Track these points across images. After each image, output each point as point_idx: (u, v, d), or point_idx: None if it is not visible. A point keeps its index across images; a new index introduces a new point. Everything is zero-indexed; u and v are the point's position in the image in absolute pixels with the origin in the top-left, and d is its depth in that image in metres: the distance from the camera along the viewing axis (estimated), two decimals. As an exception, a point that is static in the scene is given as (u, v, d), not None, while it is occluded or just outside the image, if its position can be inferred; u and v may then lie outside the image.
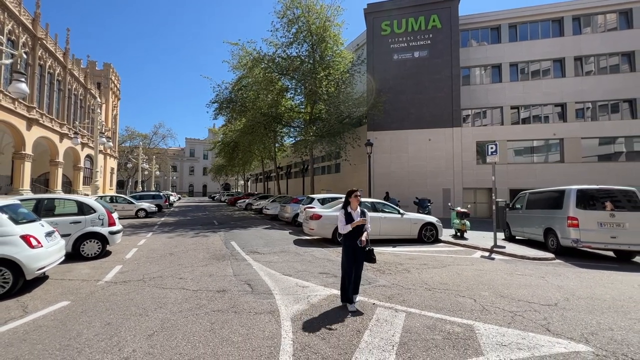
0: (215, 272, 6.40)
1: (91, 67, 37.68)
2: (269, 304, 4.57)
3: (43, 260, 5.11)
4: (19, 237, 4.91)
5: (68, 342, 3.32)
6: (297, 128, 25.94)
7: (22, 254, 4.82)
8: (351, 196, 4.62)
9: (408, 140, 23.28)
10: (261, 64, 21.66)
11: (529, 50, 23.21)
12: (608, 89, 21.94)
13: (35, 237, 5.11)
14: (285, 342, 3.38)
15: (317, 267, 6.95)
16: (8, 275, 4.72)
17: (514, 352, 3.24)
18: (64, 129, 26.80)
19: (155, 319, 3.95)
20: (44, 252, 5.16)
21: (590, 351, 3.28)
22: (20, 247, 4.84)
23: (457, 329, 3.77)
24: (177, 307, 4.41)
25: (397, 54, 23.82)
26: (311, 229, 10.22)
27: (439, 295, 5.08)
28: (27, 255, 4.85)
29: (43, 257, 5.12)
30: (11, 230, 4.90)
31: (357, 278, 4.55)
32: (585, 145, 21.92)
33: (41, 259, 5.07)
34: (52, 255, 5.39)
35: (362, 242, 4.43)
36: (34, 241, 5.05)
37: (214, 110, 25.38)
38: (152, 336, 3.48)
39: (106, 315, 4.06)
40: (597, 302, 4.92)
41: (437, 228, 10.85)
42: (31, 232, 5.11)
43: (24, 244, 4.90)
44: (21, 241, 4.90)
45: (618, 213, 8.32)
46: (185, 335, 3.52)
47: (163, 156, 61.73)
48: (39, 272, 5.09)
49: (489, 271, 6.84)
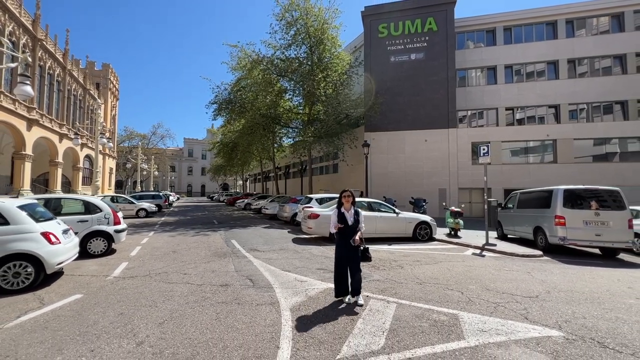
0: (217, 268, 6.71)
1: (90, 68, 37.87)
2: (269, 297, 4.89)
3: (61, 256, 5.45)
4: (40, 234, 5.23)
5: (86, 329, 3.63)
6: (296, 129, 26.26)
7: (43, 250, 5.13)
8: (342, 197, 4.76)
9: (405, 140, 23.64)
10: (260, 66, 21.98)
11: (524, 52, 23.63)
12: (600, 90, 22.39)
13: (54, 234, 5.45)
14: (285, 329, 3.70)
15: (314, 263, 7.28)
16: (30, 270, 5.04)
17: (493, 336, 3.58)
18: (63, 129, 27.00)
19: (164, 310, 4.26)
20: (62, 248, 5.49)
21: (562, 335, 3.63)
22: (41, 244, 5.16)
23: (442, 318, 4.11)
24: (184, 299, 4.72)
25: (394, 56, 24.18)
26: (309, 228, 10.54)
27: (429, 289, 5.41)
28: (47, 251, 5.17)
29: (61, 252, 5.45)
30: (32, 228, 5.22)
31: (356, 279, 4.56)
32: (579, 146, 22.36)
33: (59, 254, 5.40)
34: (69, 252, 5.74)
35: (356, 241, 4.49)
36: (53, 238, 5.38)
37: (213, 111, 25.64)
38: (162, 324, 3.79)
39: (118, 307, 4.37)
40: (575, 294, 5.27)
41: (431, 227, 11.20)
42: (50, 230, 5.45)
43: (44, 241, 5.21)
44: (42, 238, 5.21)
45: (603, 212, 8.69)
46: (194, 323, 3.83)
47: (161, 156, 61.85)
48: (58, 267, 5.42)
49: (478, 267, 7.19)
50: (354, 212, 4.70)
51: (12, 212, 5.17)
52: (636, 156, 21.69)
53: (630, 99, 22.00)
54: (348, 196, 4.71)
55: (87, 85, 33.13)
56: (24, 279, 5.01)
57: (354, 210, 4.72)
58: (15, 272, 4.95)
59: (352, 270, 4.60)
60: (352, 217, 4.66)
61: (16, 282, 4.95)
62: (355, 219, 4.66)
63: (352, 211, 4.70)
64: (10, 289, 4.90)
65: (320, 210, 11.00)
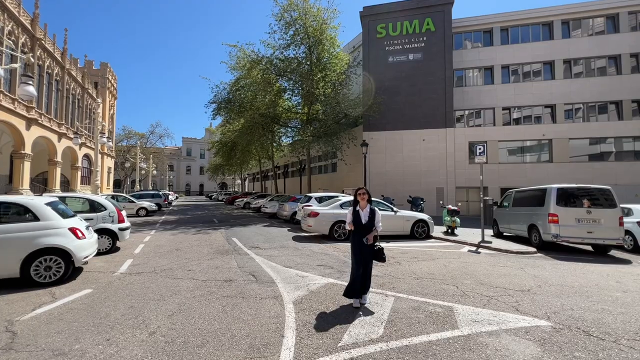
0: (220, 264, 6.90)
1: (88, 67, 37.88)
2: (272, 291, 5.09)
3: (86, 251, 5.77)
4: (67, 229, 5.53)
5: (100, 321, 3.82)
6: (295, 128, 26.45)
7: (72, 244, 5.44)
8: (357, 194, 4.58)
9: (403, 140, 23.88)
10: (259, 66, 22.13)
11: (520, 52, 23.91)
12: (596, 91, 22.71)
13: (80, 230, 5.78)
14: (289, 320, 3.90)
15: (315, 260, 7.48)
16: (60, 263, 5.33)
17: (485, 326, 3.79)
18: (62, 128, 27.05)
19: (172, 303, 4.45)
20: (86, 243, 5.81)
21: (549, 325, 3.85)
22: (70, 238, 5.47)
23: (438, 310, 4.32)
24: (190, 293, 4.91)
25: (392, 56, 24.40)
26: (309, 226, 10.75)
27: (426, 283, 5.63)
28: (75, 246, 5.48)
29: (86, 247, 5.77)
30: (60, 224, 5.52)
31: (365, 277, 4.48)
32: (574, 146, 22.68)
33: (85, 249, 5.73)
34: (92, 247, 6.07)
35: (368, 240, 4.38)
36: (80, 233, 5.69)
37: (212, 111, 25.78)
38: (172, 316, 3.98)
39: (128, 300, 4.55)
40: (565, 288, 5.50)
41: (428, 225, 11.44)
42: (76, 225, 5.77)
43: (72, 236, 5.53)
44: (70, 233, 5.52)
45: (595, 210, 8.94)
46: (201, 315, 4.03)
47: (160, 155, 61.84)
48: (84, 260, 5.73)
49: (474, 263, 7.42)
50: (369, 211, 4.51)
51: (41, 208, 5.44)
52: (630, 156, 22.04)
53: (624, 99, 22.33)
54: (364, 194, 4.52)
55: (86, 84, 33.15)
56: (55, 272, 5.29)
57: (369, 209, 4.53)
58: (47, 265, 5.22)
59: (365, 270, 4.48)
60: (367, 216, 4.48)
61: (47, 275, 5.23)
62: (369, 218, 4.49)
63: (368, 210, 4.52)
64: (42, 282, 5.17)
65: (319, 208, 11.21)
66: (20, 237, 5.13)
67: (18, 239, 5.10)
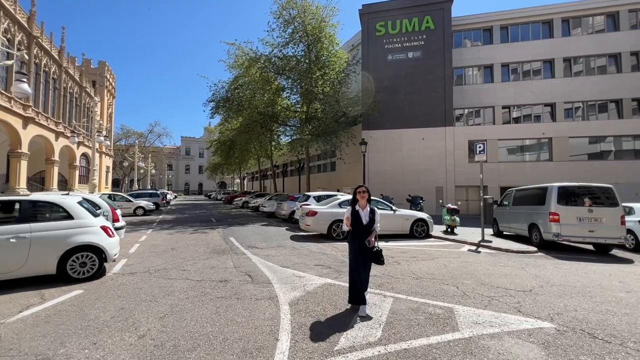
0: (216, 264, 6.77)
1: (86, 66, 37.65)
2: (268, 292, 4.96)
3: (116, 248, 5.93)
4: (99, 227, 5.69)
5: (88, 323, 3.69)
6: (293, 127, 26.31)
7: (105, 242, 5.61)
8: (356, 193, 4.33)
9: (402, 139, 23.76)
10: (257, 64, 21.98)
11: (520, 51, 23.78)
12: (596, 89, 22.60)
13: (110, 228, 5.94)
14: (284, 322, 3.77)
15: (312, 259, 7.36)
16: (95, 260, 5.48)
17: (486, 328, 3.67)
18: (59, 127, 26.85)
19: (164, 304, 4.33)
20: (115, 241, 5.95)
21: (553, 327, 3.73)
22: (102, 236, 5.64)
23: (438, 311, 4.20)
24: (184, 294, 4.78)
25: (392, 54, 24.25)
26: (307, 225, 10.62)
27: (425, 284, 5.51)
28: (108, 243, 5.66)
29: (115, 245, 5.93)
30: (93, 222, 5.68)
31: (364, 280, 4.25)
32: (574, 144, 22.57)
33: (115, 246, 5.89)
34: (118, 245, 6.21)
35: (371, 242, 4.16)
36: (110, 231, 5.86)
37: (211, 110, 25.64)
38: (163, 318, 3.85)
39: (119, 302, 4.42)
40: (568, 288, 5.39)
41: (427, 224, 11.32)
42: (106, 224, 5.91)
43: (104, 234, 5.69)
44: (102, 231, 5.68)
45: (596, 209, 8.83)
46: (194, 317, 3.90)
47: (159, 154, 61.62)
48: (114, 257, 5.89)
49: (474, 263, 7.30)
50: (369, 211, 4.28)
51: (74, 207, 5.61)
52: (630, 154, 21.95)
53: (625, 97, 22.22)
54: (363, 192, 4.28)
55: (84, 83, 32.94)
56: (89, 269, 5.44)
57: (369, 209, 4.30)
58: (82, 262, 5.38)
59: (364, 272, 4.24)
60: (367, 215, 4.24)
61: (82, 272, 5.38)
62: (370, 218, 4.25)
63: (368, 209, 4.28)
64: (78, 278, 5.33)
65: (318, 207, 11.08)
66: (58, 235, 5.28)
67: (56, 237, 5.25)
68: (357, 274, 4.19)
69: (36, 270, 5.14)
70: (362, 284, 4.19)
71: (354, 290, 4.20)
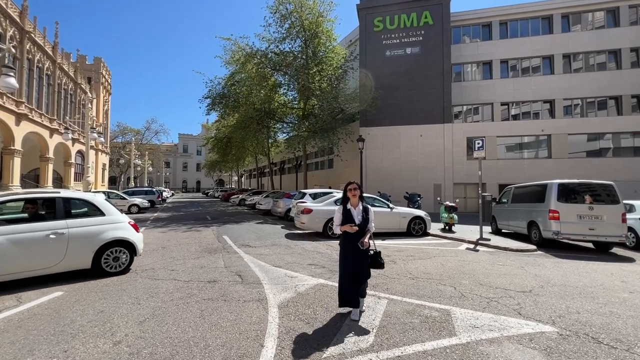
0: (206, 264, 6.56)
1: (81, 62, 37.18)
2: (257, 293, 4.75)
3: (142, 243, 6.13)
4: (128, 223, 5.91)
5: (62, 329, 3.47)
6: (290, 124, 26.03)
7: (134, 237, 5.85)
8: (347, 190, 3.93)
9: (400, 136, 23.53)
10: (254, 60, 21.65)
11: (519, 47, 23.54)
12: (595, 86, 22.40)
13: (136, 225, 6.17)
14: (271, 327, 3.56)
15: (306, 258, 7.15)
16: (126, 254, 5.69)
17: (485, 332, 3.47)
18: (54, 124, 26.48)
19: (147, 307, 4.11)
20: (141, 237, 6.19)
21: (555, 331, 3.53)
22: (131, 232, 5.86)
23: (434, 314, 4.00)
24: (169, 296, 4.56)
25: (390, 50, 23.97)
26: (302, 223, 10.42)
27: (422, 284, 5.31)
28: (136, 238, 5.89)
29: (141, 240, 6.15)
30: (122, 218, 5.92)
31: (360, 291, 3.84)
32: (573, 141, 22.40)
33: (141, 241, 6.10)
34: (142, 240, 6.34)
35: (365, 244, 3.74)
36: (137, 227, 6.10)
37: (207, 106, 25.32)
38: (143, 322, 3.64)
39: (99, 304, 4.20)
40: (569, 288, 5.20)
41: (425, 222, 11.13)
42: (131, 220, 6.13)
43: (132, 229, 5.91)
44: (130, 227, 5.90)
45: (597, 206, 8.65)
46: (176, 321, 3.68)
47: (156, 152, 61.23)
48: (141, 252, 6.11)
49: (472, 262, 7.11)
50: (362, 209, 3.90)
51: (105, 204, 5.85)
52: (629, 151, 21.81)
53: (624, 94, 22.05)
54: (355, 189, 3.88)
55: (79, 79, 32.51)
56: (121, 263, 5.63)
57: (362, 207, 3.92)
58: (115, 256, 5.56)
59: (358, 278, 3.82)
60: (360, 214, 3.85)
61: (115, 266, 5.56)
62: (363, 217, 3.86)
63: (360, 208, 3.90)
64: (111, 272, 5.50)
65: (313, 205, 10.87)
66: (92, 230, 5.51)
67: (90, 232, 5.48)
68: (344, 276, 3.83)
69: (73, 265, 5.35)
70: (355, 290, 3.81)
71: (342, 295, 3.86)
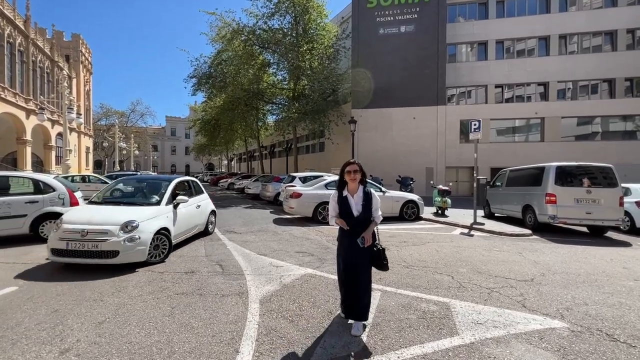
0: (185, 252, 6.08)
1: (57, 38, 34.98)
2: (238, 285, 4.31)
3: None
4: None
5: (4, 333, 2.97)
6: (280, 105, 25.19)
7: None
8: (344, 172, 3.10)
9: (392, 118, 22.98)
10: (241, 36, 20.60)
11: (516, 27, 22.89)
12: (590, 68, 22.05)
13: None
14: (249, 326, 3.14)
15: (294, 245, 6.74)
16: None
17: (490, 330, 3.11)
18: (30, 104, 25.04)
19: (110, 304, 3.63)
20: None
21: (566, 327, 3.20)
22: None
23: (432, 308, 3.63)
24: (138, 290, 4.09)
25: (383, 28, 23.04)
26: (291, 208, 9.97)
27: (417, 273, 4.95)
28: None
29: None
30: None
31: (363, 303, 3.02)
32: (566, 125, 22.23)
33: None
34: None
35: (365, 240, 2.96)
36: None
37: (192, 86, 24.23)
38: (102, 324, 3.16)
39: (55, 302, 3.70)
40: (572, 276, 4.91)
41: (418, 206, 10.80)
42: None
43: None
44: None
45: (594, 189, 8.39)
46: (140, 321, 3.22)
47: (142, 135, 59.41)
48: None
49: (468, 248, 6.80)
50: (362, 196, 3.07)
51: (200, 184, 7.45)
52: (620, 135, 21.79)
53: (618, 77, 21.79)
54: (355, 171, 3.05)
55: (55, 57, 30.66)
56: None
57: (362, 193, 3.08)
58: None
59: (360, 285, 3.03)
60: (360, 203, 3.04)
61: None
62: (364, 207, 3.03)
63: (361, 194, 3.08)
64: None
65: (302, 189, 10.40)
66: (206, 203, 7.81)
67: (206, 204, 7.73)
68: (343, 278, 3.12)
69: (200, 229, 7.27)
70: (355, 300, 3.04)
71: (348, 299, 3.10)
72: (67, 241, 4.75)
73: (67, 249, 4.74)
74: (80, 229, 4.81)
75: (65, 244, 4.74)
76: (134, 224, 5.00)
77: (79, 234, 4.76)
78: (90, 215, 5.23)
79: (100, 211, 5.47)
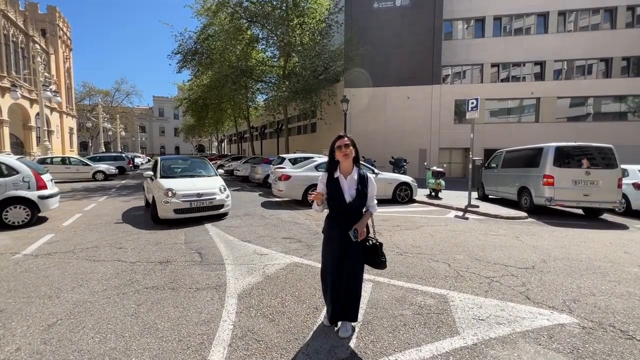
0: (163, 239, 5.64)
1: (31, 11, 32.70)
2: (216, 277, 3.92)
3: None
4: None
5: None
6: (270, 84, 24.20)
7: None
8: (334, 149, 2.61)
9: (386, 97, 22.31)
10: (227, 8, 19.36)
11: (514, 1, 22.03)
12: (587, 46, 21.53)
13: None
14: (223, 327, 2.75)
15: (281, 231, 6.35)
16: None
17: (493, 328, 2.79)
18: (4, 82, 23.53)
19: (66, 302, 3.20)
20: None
21: (575, 322, 2.90)
22: None
23: (429, 301, 3.30)
24: (102, 284, 3.66)
25: (378, 1, 21.95)
26: (280, 190, 9.54)
27: (411, 260, 4.62)
28: None
29: None
30: None
31: (352, 303, 2.58)
32: (561, 105, 21.91)
33: None
34: None
35: (359, 233, 2.46)
36: None
37: (177, 63, 23.01)
38: (52, 326, 2.75)
39: (3, 300, 3.26)
40: (574, 263, 4.64)
41: (411, 188, 10.47)
42: None
43: None
44: None
45: (593, 171, 8.12)
46: (97, 323, 2.81)
47: (129, 115, 57.40)
48: None
49: (463, 232, 6.50)
50: (357, 179, 2.57)
51: None
52: (615, 116, 21.60)
53: (615, 56, 21.35)
54: (347, 145, 2.54)
55: (30, 30, 28.73)
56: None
57: (357, 176, 2.59)
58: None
59: (349, 282, 2.56)
60: (354, 187, 2.54)
61: None
62: (358, 192, 2.53)
63: (355, 176, 2.58)
64: None
65: (292, 171, 9.94)
66: None
67: None
68: (328, 278, 2.61)
69: None
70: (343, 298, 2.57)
71: (333, 302, 2.60)
72: (190, 201, 6.61)
73: (191, 207, 6.62)
74: (196, 192, 6.73)
75: (189, 203, 6.59)
76: (224, 187, 7.39)
77: (196, 195, 6.69)
78: (185, 184, 6.88)
79: (186, 182, 7.11)
